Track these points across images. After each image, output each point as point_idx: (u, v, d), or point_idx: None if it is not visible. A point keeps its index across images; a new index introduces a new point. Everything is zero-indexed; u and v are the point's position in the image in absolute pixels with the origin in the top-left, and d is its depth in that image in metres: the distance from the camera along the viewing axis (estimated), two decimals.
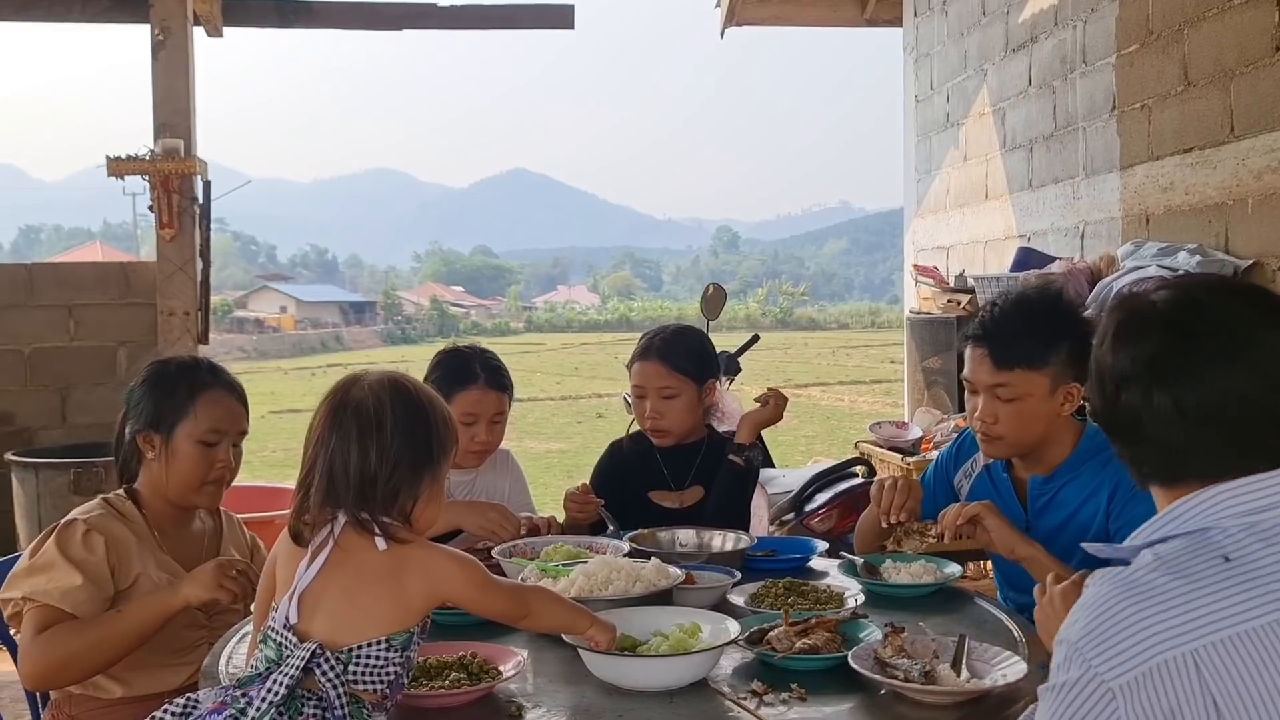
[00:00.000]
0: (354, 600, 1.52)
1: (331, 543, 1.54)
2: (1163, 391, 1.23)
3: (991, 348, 2.22)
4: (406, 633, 1.53)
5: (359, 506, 1.54)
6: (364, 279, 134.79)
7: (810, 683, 1.69)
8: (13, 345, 6.00)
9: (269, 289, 67.58)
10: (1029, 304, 2.28)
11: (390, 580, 1.54)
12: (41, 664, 1.99)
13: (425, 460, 1.58)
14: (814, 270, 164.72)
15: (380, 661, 1.50)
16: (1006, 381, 2.19)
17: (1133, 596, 1.14)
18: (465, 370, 2.70)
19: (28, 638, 1.99)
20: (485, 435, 2.70)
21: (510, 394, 2.79)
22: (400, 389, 1.59)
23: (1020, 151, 5.92)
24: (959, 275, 5.76)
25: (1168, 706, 1.09)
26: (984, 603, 2.18)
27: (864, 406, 18.40)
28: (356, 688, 1.49)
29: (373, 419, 1.55)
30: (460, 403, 2.65)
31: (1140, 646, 1.10)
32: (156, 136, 5.40)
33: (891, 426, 5.19)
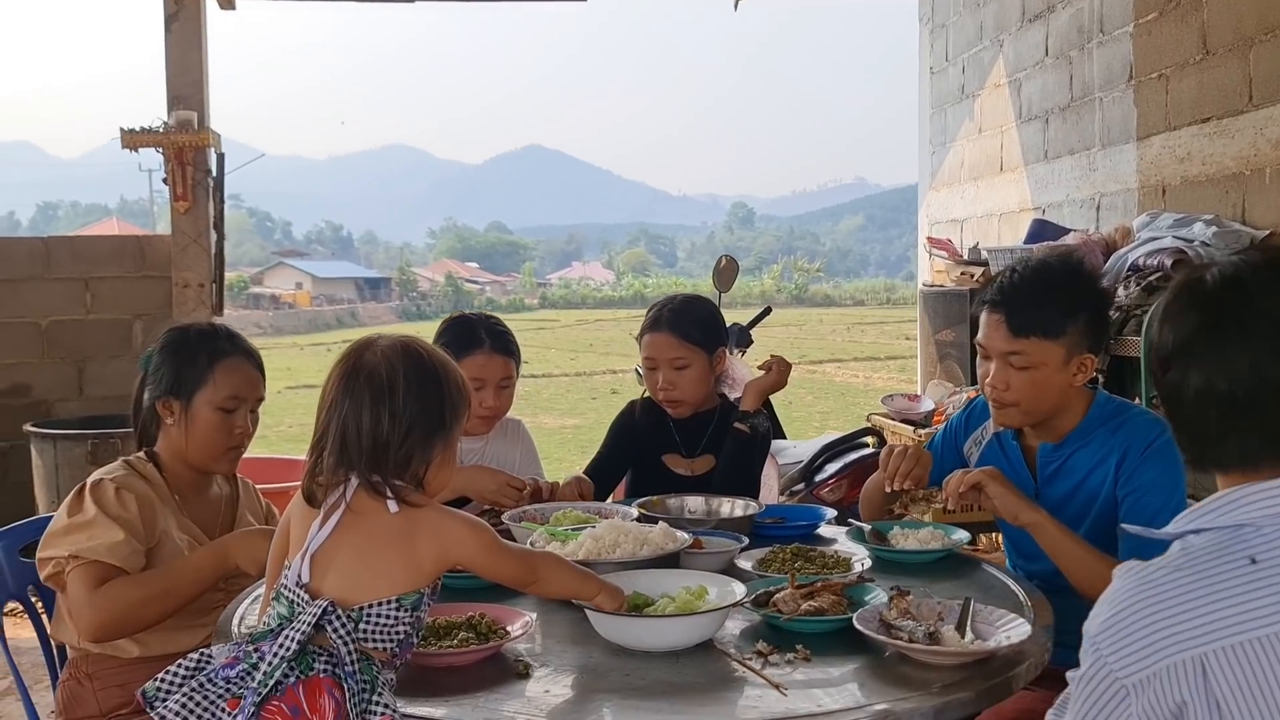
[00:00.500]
0: (365, 560, 1.54)
1: (344, 505, 1.55)
2: (1198, 372, 1.20)
3: (1008, 314, 2.18)
4: (417, 593, 1.55)
5: (372, 470, 1.55)
6: (379, 255, 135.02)
7: (815, 644, 1.70)
8: (30, 318, 6.05)
9: (285, 265, 67.77)
10: (1050, 272, 2.24)
11: (401, 542, 1.55)
12: (103, 617, 2.02)
13: (438, 425, 1.59)
14: (829, 246, 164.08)
15: (390, 620, 1.52)
16: (1021, 349, 2.17)
17: (1149, 596, 1.15)
18: (470, 335, 2.72)
19: (82, 594, 2.02)
20: (493, 400, 2.71)
21: (517, 360, 2.80)
22: (413, 354, 1.60)
23: (1036, 123, 5.87)
24: (973, 248, 5.73)
25: (1174, 703, 1.11)
26: (991, 568, 2.19)
27: (879, 382, 18.36)
28: (366, 645, 1.51)
29: (385, 384, 1.55)
30: (466, 367, 2.63)
31: (1152, 647, 1.12)
32: (170, 109, 5.41)
33: (904, 399, 5.19)
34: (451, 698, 1.53)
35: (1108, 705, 1.14)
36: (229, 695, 1.47)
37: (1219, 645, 1.10)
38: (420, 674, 1.63)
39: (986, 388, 2.26)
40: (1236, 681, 1.10)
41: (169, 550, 2.14)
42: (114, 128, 5.45)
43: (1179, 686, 1.11)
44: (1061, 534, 2.09)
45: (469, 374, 2.64)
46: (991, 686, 1.57)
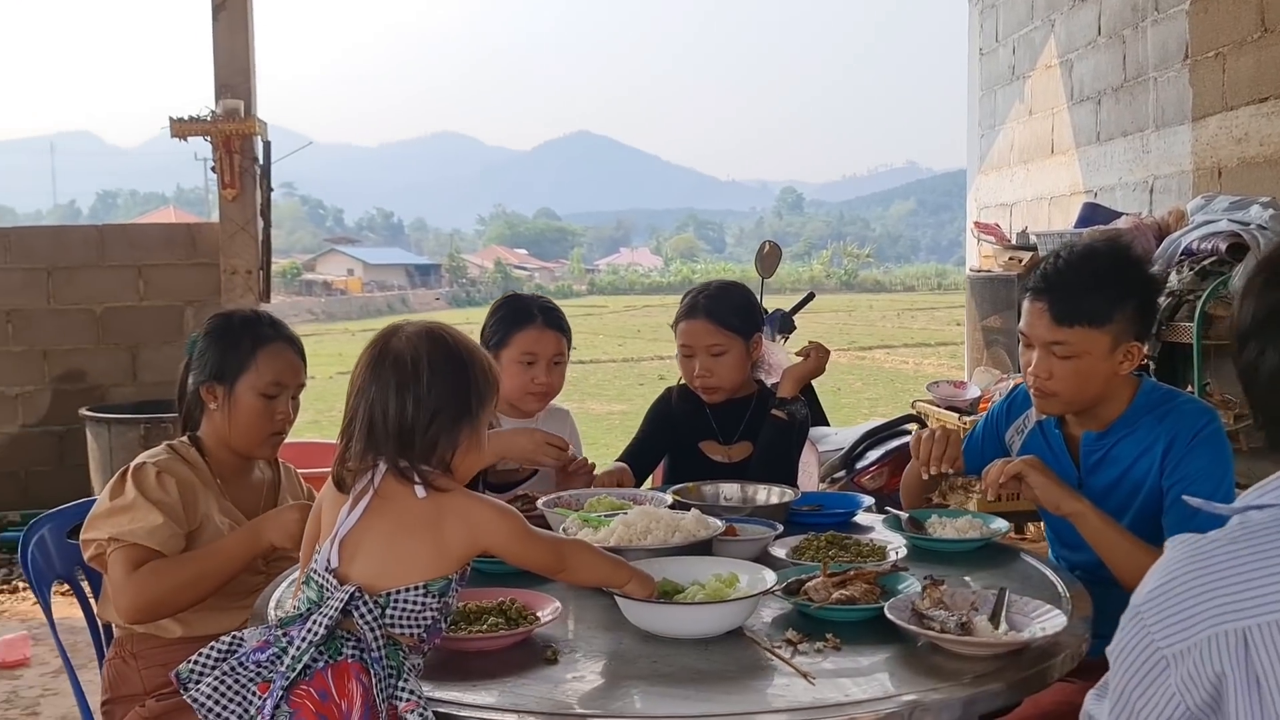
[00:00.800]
0: (394, 546, 1.55)
1: (372, 490, 1.56)
2: (1273, 351, 1.17)
3: (1052, 302, 2.12)
4: (445, 579, 1.56)
5: (399, 455, 1.56)
6: (429, 242, 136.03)
7: (846, 633, 1.69)
8: (86, 305, 6.18)
9: (336, 252, 68.52)
10: (1096, 257, 2.17)
11: (430, 528, 1.56)
12: (140, 600, 2.06)
13: (464, 410, 1.59)
14: (880, 232, 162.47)
15: (418, 606, 1.53)
16: (1065, 339, 2.11)
17: (1198, 566, 1.12)
18: (523, 311, 2.75)
19: (121, 576, 2.06)
20: (545, 376, 2.71)
21: (569, 338, 2.80)
22: (439, 339, 1.61)
23: (1088, 104, 5.76)
24: (1021, 233, 5.64)
25: (1213, 675, 1.08)
26: (1030, 559, 2.16)
27: (928, 369, 18.17)
28: (394, 631, 1.52)
29: (410, 369, 1.56)
30: (518, 343, 2.69)
31: (1195, 617, 1.09)
32: (218, 98, 5.48)
33: (949, 386, 5.13)
34: (479, 682, 1.54)
35: (1147, 676, 1.12)
36: (259, 679, 1.49)
37: (1265, 619, 1.07)
38: (449, 658, 1.64)
39: (1029, 376, 2.22)
40: (1277, 657, 1.06)
41: (210, 534, 2.17)
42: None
43: (1219, 658, 1.07)
44: (1104, 524, 2.05)
45: (522, 348, 2.68)
46: (1025, 678, 1.54)
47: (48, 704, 3.76)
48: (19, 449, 6.20)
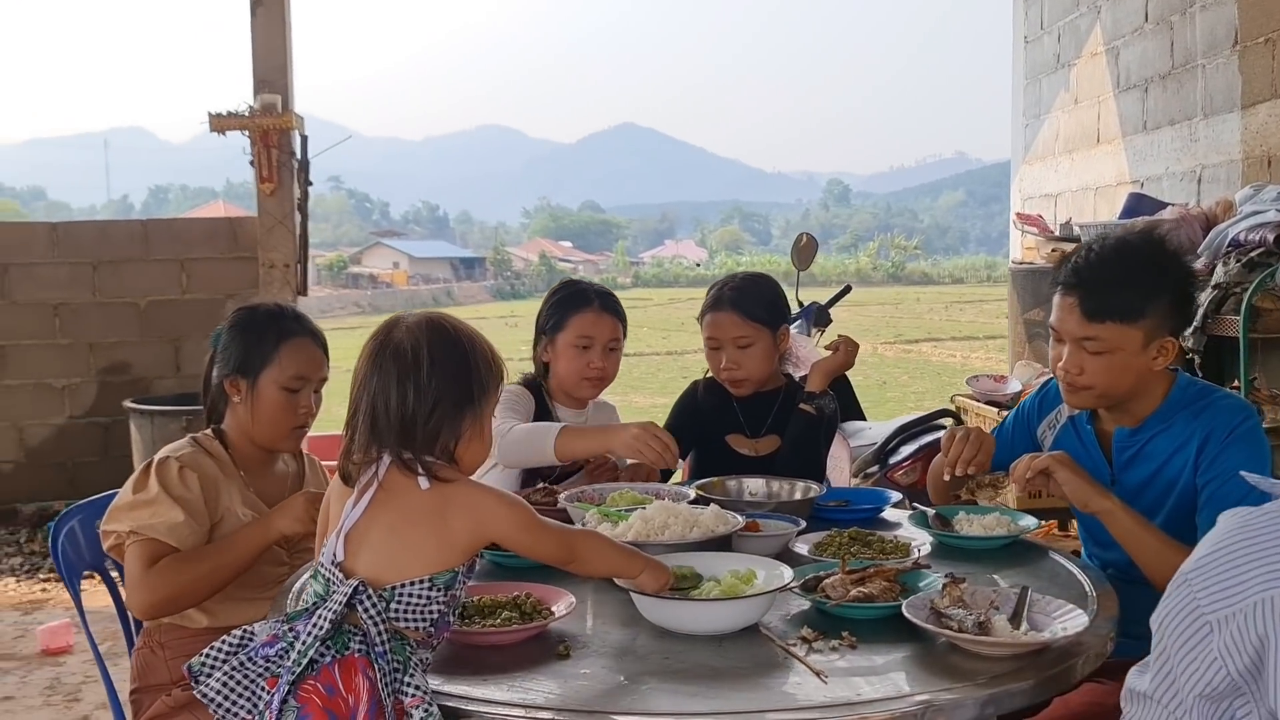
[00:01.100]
0: (398, 539, 1.54)
1: (376, 483, 1.56)
2: None
3: (1083, 297, 2.06)
4: (451, 572, 1.55)
5: (402, 446, 1.55)
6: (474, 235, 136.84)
7: (863, 631, 1.66)
8: (130, 298, 6.28)
9: (382, 245, 69.09)
10: (1128, 251, 2.11)
11: (434, 519, 1.55)
12: (154, 596, 2.09)
13: (465, 399, 1.58)
14: (928, 223, 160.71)
15: (423, 600, 1.52)
16: (1096, 335, 2.05)
17: (1247, 536, 1.11)
18: (580, 295, 2.76)
19: (138, 571, 2.09)
20: (600, 361, 2.71)
21: (624, 324, 2.80)
22: (439, 329, 1.60)
23: (1134, 92, 5.64)
24: (1064, 224, 5.54)
25: (1256, 639, 1.07)
26: (1058, 557, 2.11)
27: (976, 362, 17.95)
28: (400, 625, 1.51)
29: (410, 359, 1.55)
30: (575, 326, 2.70)
31: (1241, 583, 1.09)
32: (255, 93, 5.53)
33: (989, 380, 5.05)
34: (490, 677, 1.53)
35: (1190, 640, 1.11)
36: (268, 674, 1.49)
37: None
38: (461, 652, 1.64)
39: (1059, 371, 2.16)
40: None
41: (231, 526, 2.19)
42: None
43: (1262, 622, 1.06)
44: (1134, 522, 2.00)
45: (578, 331, 2.68)
46: (1044, 679, 1.51)
47: (89, 690, 3.82)
48: (66, 440, 6.32)
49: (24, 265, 6.27)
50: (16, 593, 5.08)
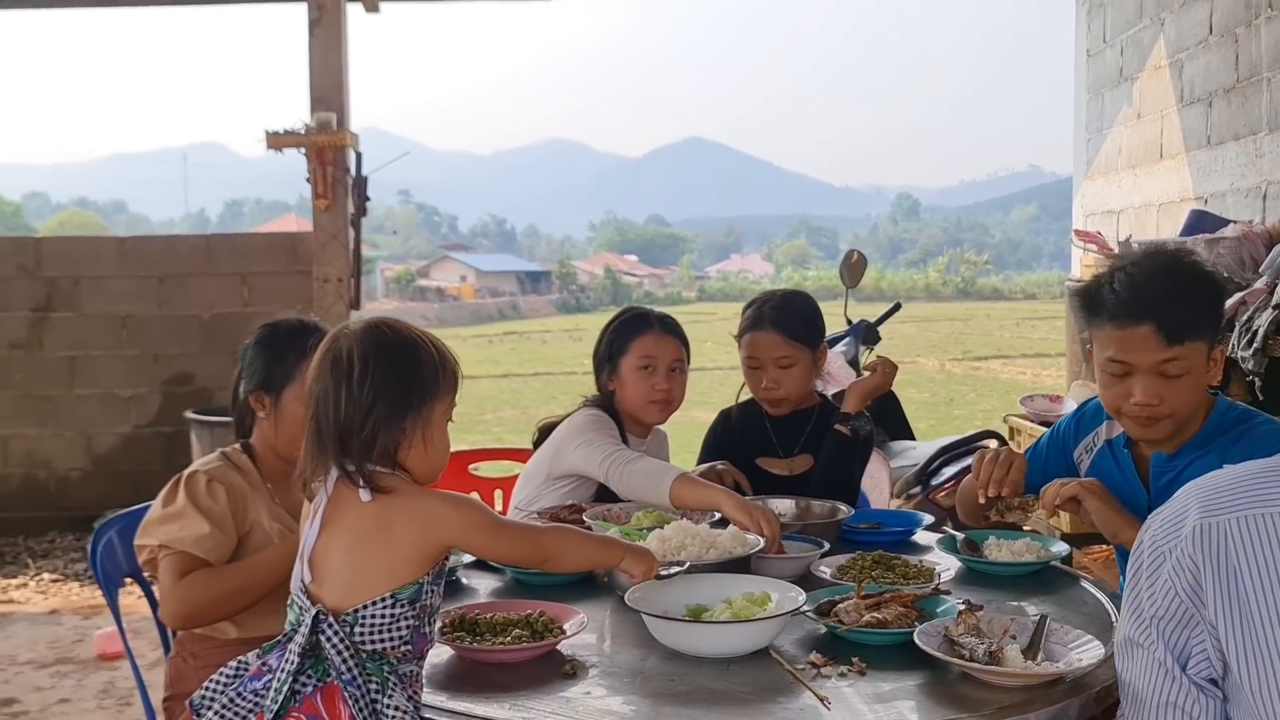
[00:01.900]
0: (352, 559, 1.52)
1: (325, 499, 1.54)
2: None
3: (1160, 322, 1.99)
4: (413, 585, 1.51)
5: (342, 455, 1.52)
6: (540, 248, 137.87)
7: (874, 657, 1.64)
8: (194, 311, 6.45)
9: (450, 259, 69.93)
10: (1178, 267, 2.07)
11: (381, 534, 1.51)
12: (185, 607, 2.13)
13: (403, 402, 1.54)
14: (999, 238, 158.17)
15: (388, 618, 1.50)
16: (1178, 356, 1.98)
17: (1197, 486, 1.34)
18: (641, 319, 2.77)
19: (168, 583, 2.14)
20: (664, 383, 2.69)
21: (687, 348, 2.79)
22: (377, 334, 1.56)
23: (1198, 106, 5.50)
24: (1123, 241, 5.41)
25: (1191, 562, 1.27)
26: (1088, 585, 2.06)
27: (1047, 380, 17.59)
28: (370, 647, 1.49)
29: (346, 366, 1.53)
30: (637, 348, 2.70)
31: (1184, 518, 1.30)
32: (312, 111, 5.65)
33: (1044, 400, 4.96)
34: (493, 695, 1.54)
35: (1151, 572, 1.32)
36: (256, 709, 1.49)
37: (1238, 515, 1.26)
38: (469, 668, 1.65)
39: (1131, 406, 2.04)
40: (1240, 549, 1.25)
41: (259, 538, 2.22)
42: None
43: (1195, 544, 1.27)
44: None
45: (640, 353, 2.68)
46: (1054, 712, 1.47)
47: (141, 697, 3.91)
48: (131, 449, 6.50)
49: (94, 278, 6.47)
50: (79, 598, 5.22)
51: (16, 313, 6.46)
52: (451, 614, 1.76)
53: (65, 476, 6.54)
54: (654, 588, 1.78)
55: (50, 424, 6.51)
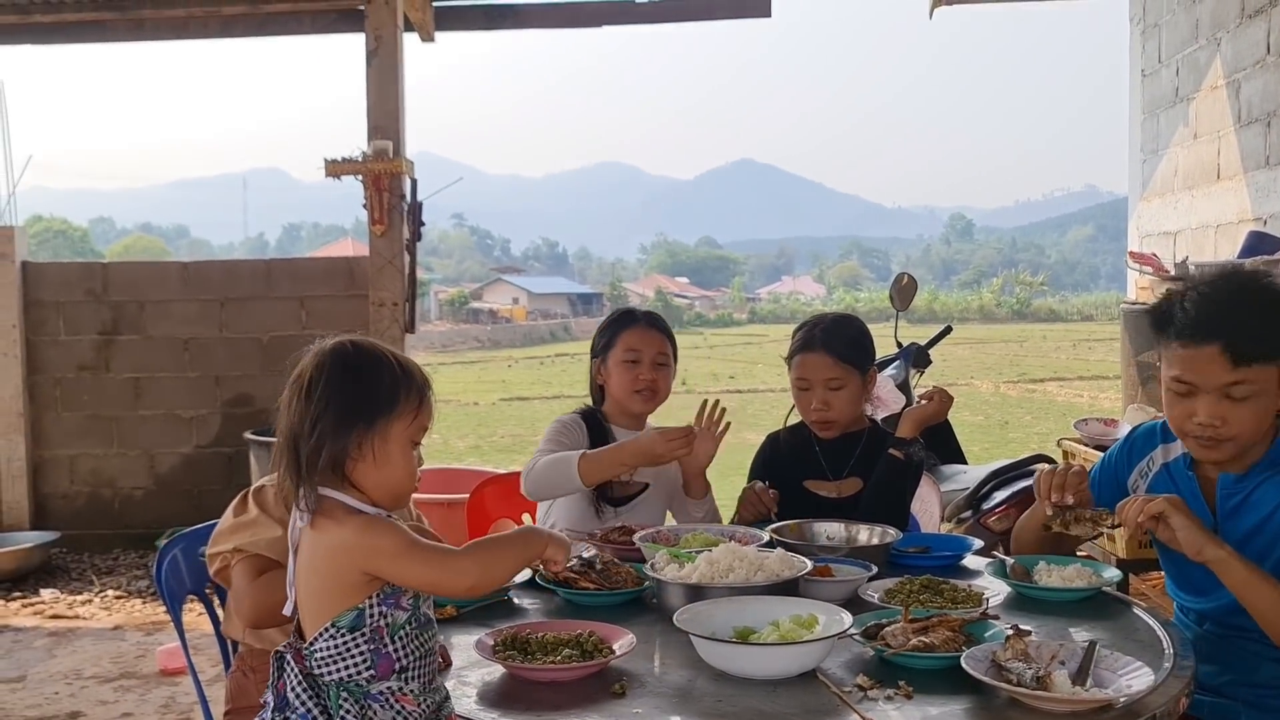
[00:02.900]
0: (304, 588, 1.57)
1: (298, 526, 1.58)
2: None
3: (1228, 343, 1.98)
4: (354, 610, 1.53)
5: (293, 469, 1.54)
6: (592, 271, 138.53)
7: (921, 681, 1.64)
8: (254, 334, 6.60)
9: (502, 281, 70.62)
10: (1255, 288, 2.07)
11: (314, 561, 1.54)
12: (260, 606, 2.21)
13: (351, 414, 1.54)
14: (1055, 259, 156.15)
15: (336, 648, 1.53)
16: (1245, 379, 1.97)
17: None
18: (627, 315, 2.94)
19: (243, 584, 2.22)
20: (649, 374, 2.82)
21: (673, 344, 2.93)
22: (338, 349, 1.58)
23: (1256, 126, 5.43)
24: (1180, 263, 5.34)
25: None
26: (1141, 612, 2.04)
27: (1105, 403, 17.31)
28: (331, 677, 1.53)
29: (304, 382, 1.56)
30: (622, 342, 2.85)
31: None
32: (369, 139, 5.78)
33: (1099, 424, 4.88)
34: (544, 713, 1.57)
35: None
36: None
37: None
38: (521, 687, 1.68)
39: (1193, 426, 2.04)
40: None
41: None
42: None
43: None
44: (1250, 573, 1.92)
45: (625, 346, 2.81)
46: None
47: (201, 711, 4.00)
48: (192, 468, 6.65)
49: (158, 302, 6.65)
50: (141, 614, 5.35)
51: (84, 336, 6.66)
52: (503, 633, 1.80)
53: (129, 495, 6.71)
54: (703, 609, 1.81)
55: (115, 444, 6.68)
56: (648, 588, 2.11)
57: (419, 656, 1.58)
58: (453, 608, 2.04)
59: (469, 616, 2.03)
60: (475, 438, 13.70)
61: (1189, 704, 1.67)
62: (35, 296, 6.65)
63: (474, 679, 1.72)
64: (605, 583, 2.10)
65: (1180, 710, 1.63)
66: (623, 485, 2.80)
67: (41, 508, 6.68)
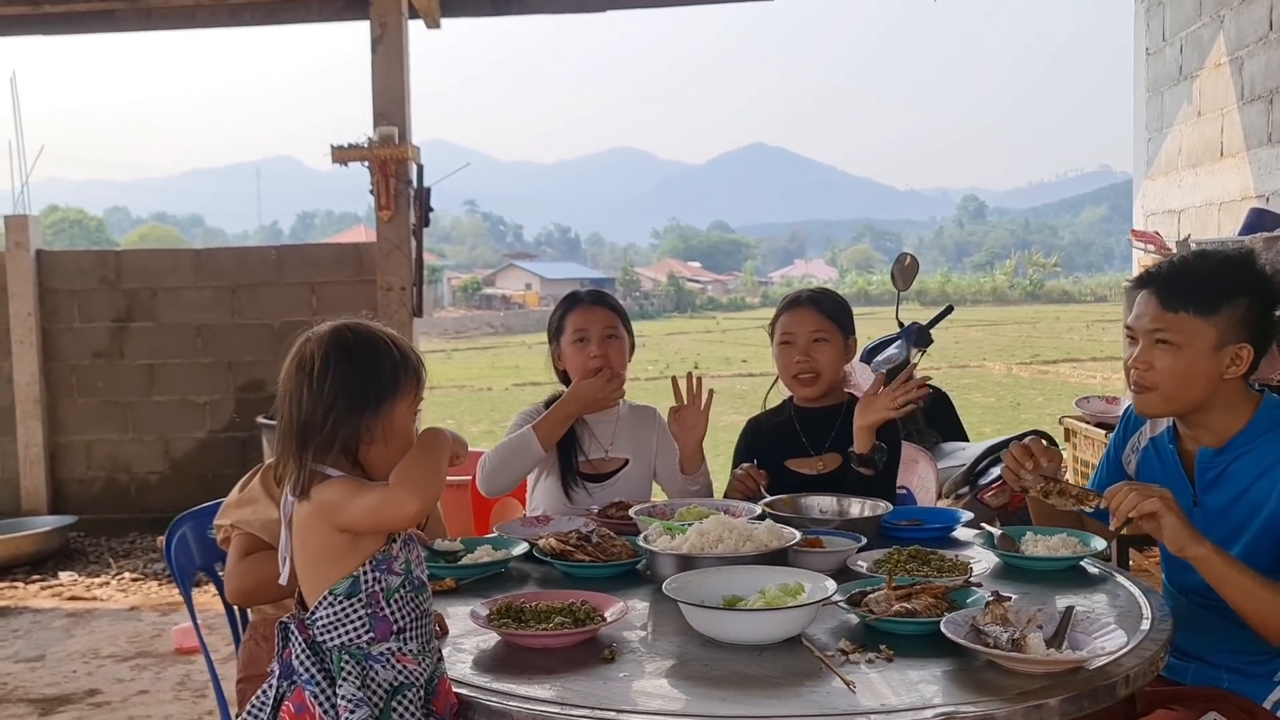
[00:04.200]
0: (300, 561, 1.63)
1: (290, 502, 1.63)
2: None
3: (1159, 287, 2.08)
4: (349, 578, 1.59)
5: (301, 454, 1.58)
6: (604, 256, 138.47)
7: (903, 646, 1.70)
8: (265, 319, 6.67)
9: (515, 267, 70.69)
10: (1213, 255, 2.17)
11: (306, 533, 1.60)
12: (243, 584, 2.29)
13: (362, 400, 1.59)
14: (1069, 240, 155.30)
15: (335, 615, 1.59)
16: (1168, 325, 2.04)
17: None
18: (570, 297, 2.99)
19: (233, 560, 2.30)
20: (598, 349, 2.84)
21: (622, 318, 2.95)
22: (340, 334, 1.62)
23: (1259, 104, 5.43)
24: (1181, 241, 5.35)
25: None
26: (1124, 579, 2.09)
27: (1118, 384, 17.24)
28: (334, 642, 1.60)
29: (309, 367, 1.60)
30: (570, 322, 2.90)
31: None
32: (375, 125, 5.83)
33: (1101, 401, 4.92)
34: (535, 677, 1.63)
35: None
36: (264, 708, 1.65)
37: None
38: (514, 653, 1.74)
39: (1130, 370, 2.14)
40: None
41: None
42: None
43: None
44: (1227, 568, 1.93)
45: (573, 327, 2.87)
46: (1072, 697, 1.52)
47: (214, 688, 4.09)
48: (207, 453, 6.75)
49: (171, 289, 6.73)
50: (157, 595, 5.45)
51: (99, 323, 6.75)
52: (498, 602, 1.86)
53: (145, 480, 6.81)
54: (692, 579, 1.87)
55: (130, 429, 6.78)
56: (641, 559, 2.17)
57: (415, 618, 1.64)
58: (452, 580, 2.11)
59: (467, 589, 2.09)
60: (488, 423, 13.77)
61: (1164, 665, 1.72)
62: (50, 285, 6.74)
63: (469, 646, 1.79)
64: (600, 555, 2.16)
65: (1155, 672, 1.68)
66: (602, 461, 2.86)
67: (59, 493, 6.79)
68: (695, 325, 38.49)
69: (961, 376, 18.21)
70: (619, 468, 2.88)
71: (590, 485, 2.83)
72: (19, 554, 5.94)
